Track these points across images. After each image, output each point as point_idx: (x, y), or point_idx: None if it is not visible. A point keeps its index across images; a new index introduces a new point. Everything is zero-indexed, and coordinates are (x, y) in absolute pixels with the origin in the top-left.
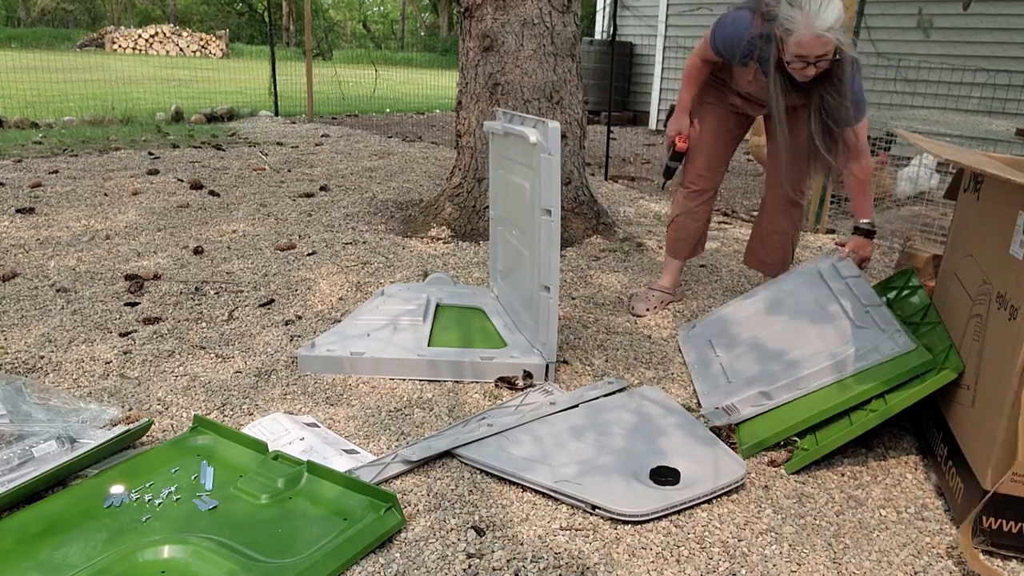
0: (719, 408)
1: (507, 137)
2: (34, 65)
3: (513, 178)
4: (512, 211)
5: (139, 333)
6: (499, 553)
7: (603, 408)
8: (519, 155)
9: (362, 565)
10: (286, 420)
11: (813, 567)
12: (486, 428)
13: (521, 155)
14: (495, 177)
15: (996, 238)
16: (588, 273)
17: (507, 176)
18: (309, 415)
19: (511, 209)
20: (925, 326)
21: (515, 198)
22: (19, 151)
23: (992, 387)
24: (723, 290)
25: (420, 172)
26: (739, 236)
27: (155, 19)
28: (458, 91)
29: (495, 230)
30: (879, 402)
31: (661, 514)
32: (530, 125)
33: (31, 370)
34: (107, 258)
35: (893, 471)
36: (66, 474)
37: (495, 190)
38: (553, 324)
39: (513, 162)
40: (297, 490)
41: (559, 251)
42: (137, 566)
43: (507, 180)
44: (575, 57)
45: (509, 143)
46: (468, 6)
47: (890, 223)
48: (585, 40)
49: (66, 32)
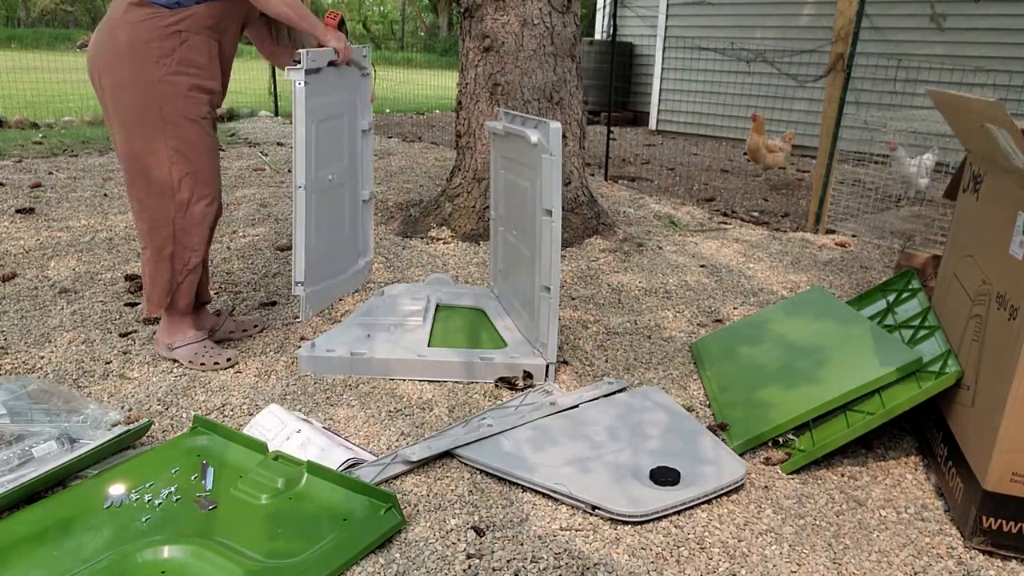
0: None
1: (508, 137)
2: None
3: (514, 178)
4: (513, 211)
5: (139, 333)
6: (499, 553)
7: (603, 409)
8: (520, 155)
9: (362, 565)
10: (281, 412)
11: (813, 567)
12: (486, 428)
13: (522, 155)
14: (496, 177)
15: (996, 238)
16: (588, 273)
17: (508, 176)
18: (302, 412)
19: (512, 209)
20: (924, 330)
21: (516, 198)
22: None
23: (992, 387)
24: (723, 290)
25: (420, 172)
26: (739, 236)
27: None
28: (458, 91)
29: (495, 230)
30: (877, 404)
31: (661, 514)
32: (531, 125)
33: (31, 370)
34: (107, 258)
35: (893, 471)
36: (66, 474)
37: (496, 190)
38: (553, 324)
39: (514, 162)
40: (297, 490)
41: (560, 251)
42: (137, 566)
43: (508, 180)
44: (575, 57)
45: (510, 143)
46: (468, 6)
47: (890, 223)
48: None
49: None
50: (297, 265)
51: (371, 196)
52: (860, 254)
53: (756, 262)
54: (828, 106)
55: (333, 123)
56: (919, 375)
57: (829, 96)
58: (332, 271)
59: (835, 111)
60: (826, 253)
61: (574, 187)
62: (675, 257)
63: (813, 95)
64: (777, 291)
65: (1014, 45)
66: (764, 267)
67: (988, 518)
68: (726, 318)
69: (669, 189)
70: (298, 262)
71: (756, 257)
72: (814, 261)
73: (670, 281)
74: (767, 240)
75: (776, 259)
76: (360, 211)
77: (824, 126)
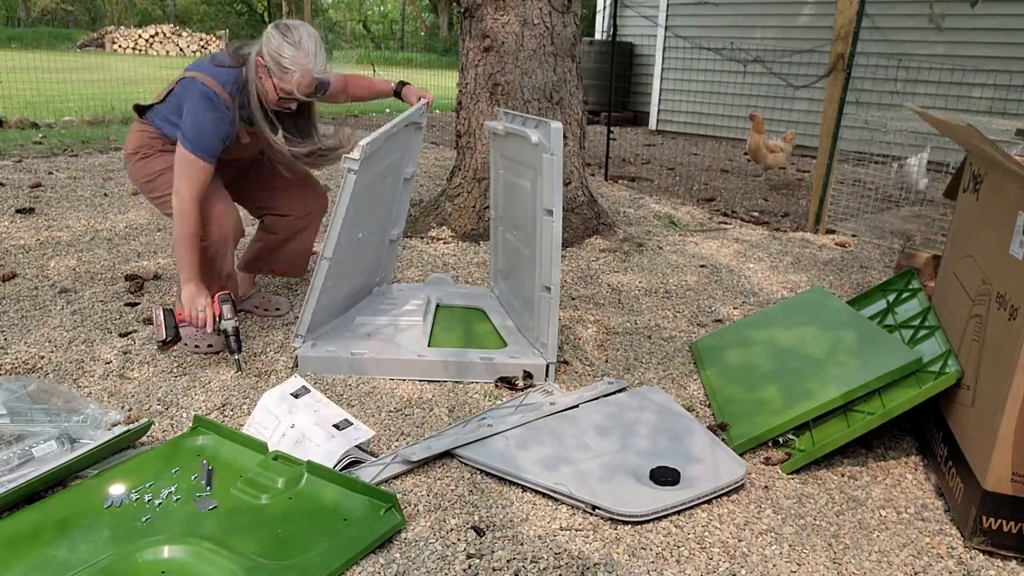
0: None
1: (508, 137)
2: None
3: (514, 178)
4: (513, 211)
5: (139, 333)
6: (499, 553)
7: (603, 408)
8: (520, 155)
9: (362, 565)
10: (274, 406)
11: (813, 567)
12: (486, 428)
13: (522, 155)
14: (496, 177)
15: (996, 238)
16: (588, 273)
17: (508, 176)
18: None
19: (512, 209)
20: (924, 330)
21: (516, 198)
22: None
23: (992, 387)
24: (723, 290)
25: (420, 172)
26: (739, 236)
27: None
28: (458, 91)
29: (495, 230)
30: (877, 404)
31: (661, 514)
32: (532, 125)
33: (31, 370)
34: (107, 258)
35: (893, 471)
36: (66, 474)
37: (496, 190)
38: (554, 324)
39: (514, 162)
40: (297, 490)
41: (560, 251)
42: (137, 566)
43: (508, 180)
44: (575, 57)
45: (510, 143)
46: (468, 6)
47: (890, 223)
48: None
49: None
50: (303, 320)
51: (399, 236)
52: (860, 254)
53: (756, 262)
54: (828, 106)
55: (377, 184)
56: (919, 375)
57: (829, 96)
58: (342, 309)
59: (835, 111)
60: (826, 253)
61: (574, 187)
62: (675, 257)
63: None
64: (777, 291)
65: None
66: (764, 267)
67: (988, 518)
68: (726, 318)
69: (669, 189)
70: (304, 318)
71: (756, 257)
72: (814, 261)
73: (670, 281)
74: (767, 240)
75: (776, 259)
76: (385, 250)
77: (824, 126)
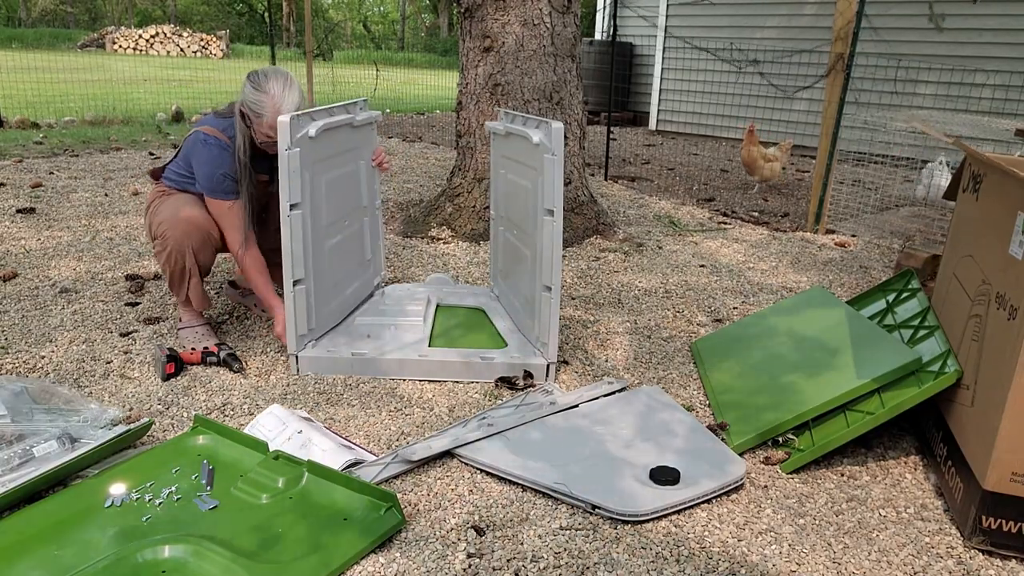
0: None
1: (509, 137)
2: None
3: (515, 178)
4: (513, 211)
5: (140, 333)
6: (499, 552)
7: (603, 408)
8: (521, 155)
9: (362, 565)
10: (282, 412)
11: (813, 567)
12: (486, 428)
13: (523, 155)
14: (496, 177)
15: (995, 238)
16: (588, 273)
17: (508, 176)
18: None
19: (512, 209)
20: (923, 329)
21: (517, 198)
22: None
23: (992, 387)
24: (723, 290)
25: (421, 172)
26: (739, 236)
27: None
28: (458, 91)
29: (496, 230)
30: (876, 404)
31: (661, 514)
32: (532, 125)
33: (31, 370)
34: (107, 258)
35: (893, 471)
36: (66, 474)
37: (496, 190)
38: (554, 324)
39: (515, 162)
40: (297, 490)
41: (561, 251)
42: (137, 566)
43: (508, 180)
44: (575, 57)
45: (511, 143)
46: (468, 6)
47: (890, 223)
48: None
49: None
50: (289, 337)
51: (379, 205)
52: (860, 254)
53: (756, 262)
54: (828, 106)
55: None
56: (919, 375)
57: (829, 96)
58: (339, 301)
59: (835, 111)
60: (826, 253)
61: (574, 187)
62: (675, 257)
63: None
64: (777, 291)
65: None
66: (764, 267)
67: (988, 518)
68: (726, 318)
69: (669, 189)
70: (290, 336)
71: (756, 257)
72: (814, 261)
73: (670, 281)
74: (767, 240)
75: (776, 259)
76: (367, 229)
77: (824, 126)
